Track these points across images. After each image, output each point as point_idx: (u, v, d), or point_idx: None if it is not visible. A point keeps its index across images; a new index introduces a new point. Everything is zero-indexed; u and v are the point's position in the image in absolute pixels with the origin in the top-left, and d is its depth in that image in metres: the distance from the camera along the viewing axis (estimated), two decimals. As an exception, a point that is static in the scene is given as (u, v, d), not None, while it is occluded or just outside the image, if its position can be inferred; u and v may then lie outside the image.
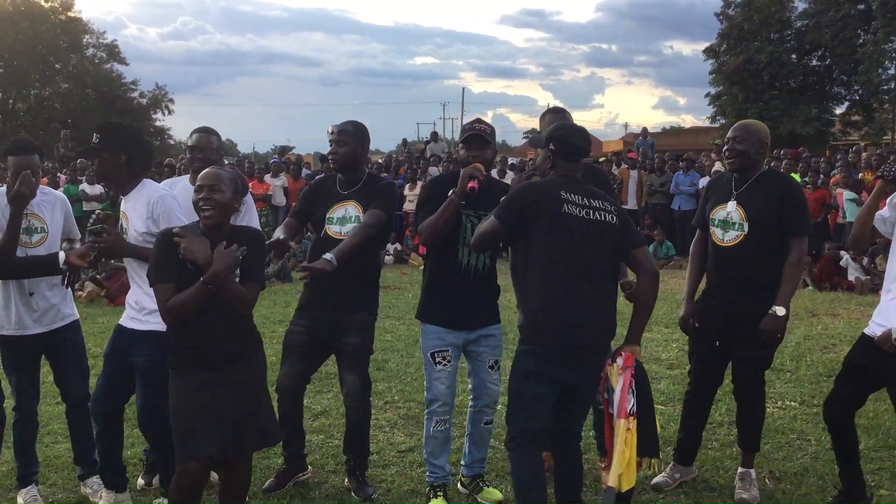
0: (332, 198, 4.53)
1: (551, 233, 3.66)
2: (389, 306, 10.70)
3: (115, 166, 4.04)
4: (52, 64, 43.20)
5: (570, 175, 3.82)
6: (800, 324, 9.28)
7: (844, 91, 36.92)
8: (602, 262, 3.74)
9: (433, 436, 4.34)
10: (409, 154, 21.48)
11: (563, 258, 3.65)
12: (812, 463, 4.88)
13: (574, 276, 3.65)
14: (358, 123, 4.58)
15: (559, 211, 3.66)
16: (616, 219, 3.77)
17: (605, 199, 3.80)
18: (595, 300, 3.70)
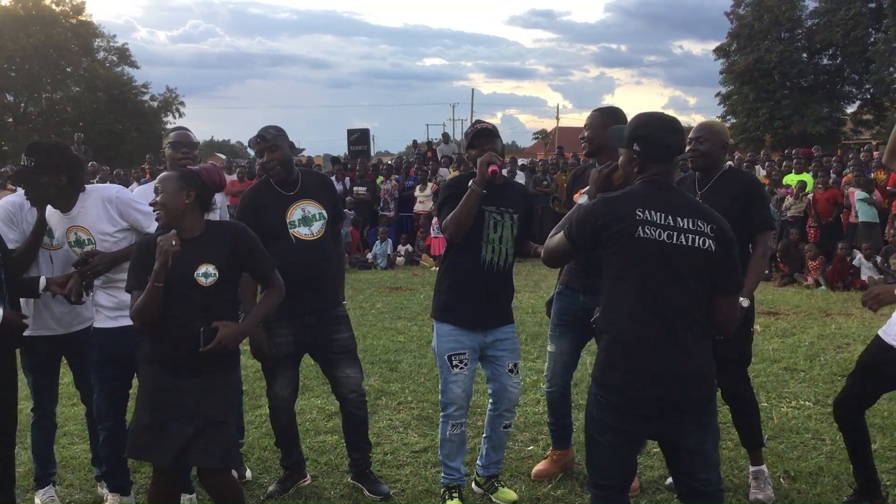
0: (280, 202, 4.42)
1: (623, 262, 3.04)
2: (401, 307, 10.73)
3: (58, 188, 3.98)
4: (63, 67, 43.37)
5: (657, 182, 3.12)
6: (813, 323, 9.27)
7: (856, 90, 36.83)
8: (688, 297, 3.04)
9: (449, 439, 4.33)
10: (419, 155, 21.52)
11: (636, 292, 3.02)
12: (827, 462, 4.87)
13: (650, 314, 3.01)
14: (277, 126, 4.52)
15: (633, 236, 3.00)
16: (713, 244, 3.05)
17: (701, 218, 3.08)
18: (677, 342, 3.00)
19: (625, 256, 3.03)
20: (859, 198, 12.99)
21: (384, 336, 8.77)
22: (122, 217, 4.06)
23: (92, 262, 3.98)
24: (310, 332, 4.44)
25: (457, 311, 4.27)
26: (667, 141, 3.13)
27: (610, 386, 3.07)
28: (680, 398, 3.04)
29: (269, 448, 5.21)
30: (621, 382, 3.04)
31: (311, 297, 4.38)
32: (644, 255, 3.00)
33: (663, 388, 3.01)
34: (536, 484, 4.64)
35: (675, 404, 3.05)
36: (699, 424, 3.10)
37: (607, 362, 3.08)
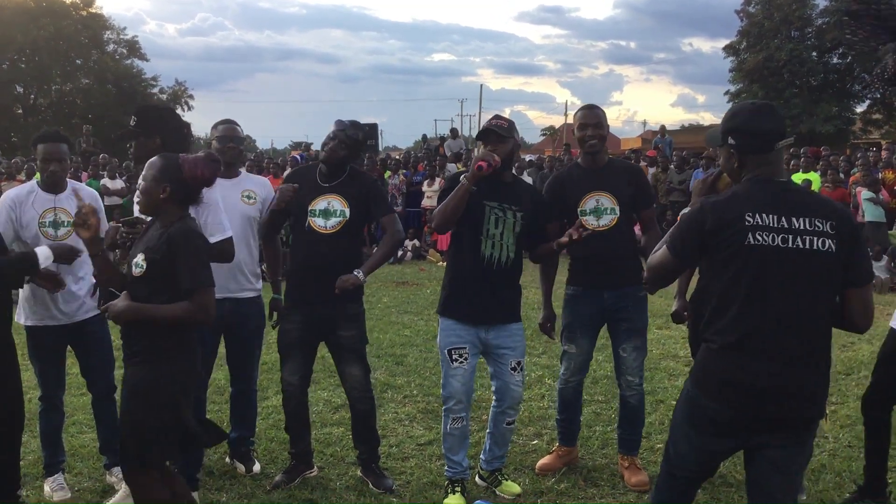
0: (312, 189, 4.52)
1: (733, 271, 2.79)
2: (408, 302, 10.78)
3: (150, 150, 4.02)
4: (73, 59, 43.50)
5: (764, 179, 2.87)
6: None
7: (865, 89, 36.67)
8: (807, 305, 2.78)
9: (450, 433, 4.36)
10: (427, 150, 21.53)
11: (747, 303, 2.78)
12: (829, 460, 4.89)
13: (763, 325, 2.77)
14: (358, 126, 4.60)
15: (743, 243, 2.76)
16: (834, 244, 2.78)
17: (818, 216, 2.80)
18: (791, 357, 2.77)
19: (735, 265, 2.79)
20: (866, 197, 12.98)
21: (390, 330, 8.81)
22: (196, 212, 3.89)
23: (139, 228, 3.79)
24: (319, 323, 4.49)
25: (457, 305, 4.30)
26: (762, 127, 2.89)
27: (711, 394, 2.86)
28: (785, 417, 2.82)
29: (276, 439, 5.26)
30: (725, 394, 2.83)
31: (316, 288, 4.43)
32: (757, 264, 2.76)
33: (768, 404, 2.79)
34: (540, 477, 4.68)
35: (779, 422, 2.83)
36: (796, 441, 2.88)
37: (712, 370, 2.87)
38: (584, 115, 4.61)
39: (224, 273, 4.58)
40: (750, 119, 2.91)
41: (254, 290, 4.75)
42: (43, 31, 39.34)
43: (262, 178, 5.14)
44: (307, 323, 4.50)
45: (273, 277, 4.99)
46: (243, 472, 4.75)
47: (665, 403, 6.02)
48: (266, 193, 4.76)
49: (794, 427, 2.84)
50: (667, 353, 7.64)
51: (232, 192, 4.63)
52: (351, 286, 4.28)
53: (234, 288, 4.63)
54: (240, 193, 4.66)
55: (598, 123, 4.57)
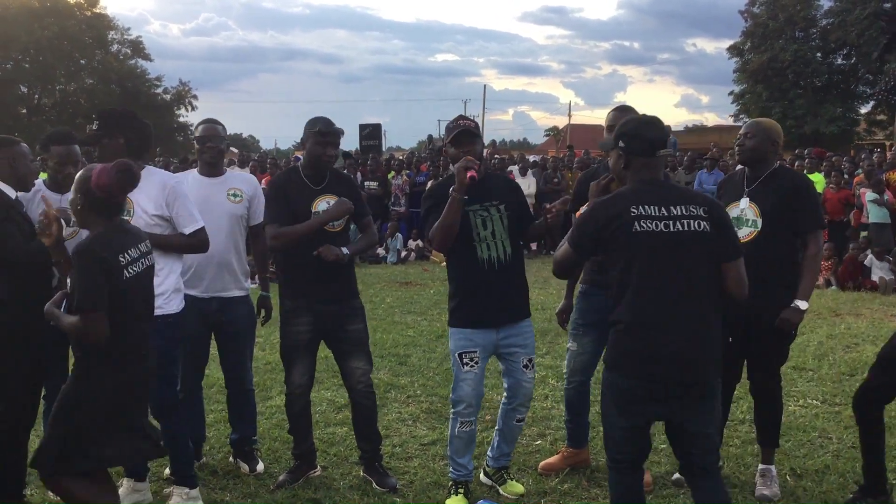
0: (307, 193, 4.52)
1: (626, 256, 3.23)
2: (411, 302, 10.78)
3: (114, 150, 4.06)
4: (77, 59, 43.58)
5: (645, 180, 3.34)
6: (822, 323, 9.26)
7: (869, 90, 36.64)
8: (693, 280, 3.23)
9: (458, 436, 4.35)
10: (431, 150, 21.53)
11: (641, 283, 3.21)
12: (833, 461, 4.89)
13: (658, 301, 3.21)
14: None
15: (630, 231, 3.20)
16: (707, 224, 3.25)
17: (692, 202, 3.28)
18: (686, 327, 3.21)
19: (627, 251, 3.22)
20: (870, 198, 12.95)
21: (394, 330, 8.81)
22: (168, 205, 4.08)
23: None
24: (326, 320, 4.52)
25: (467, 314, 4.28)
26: (647, 135, 3.35)
27: (623, 371, 3.26)
28: (690, 380, 3.23)
29: (279, 439, 5.27)
30: (634, 368, 3.23)
31: (329, 287, 4.48)
32: (645, 247, 3.20)
33: (674, 371, 3.19)
34: (543, 478, 4.67)
35: (686, 386, 3.22)
36: (704, 408, 3.30)
37: (620, 349, 3.27)
38: (612, 118, 4.57)
39: (211, 272, 4.62)
40: (639, 128, 3.40)
41: (242, 289, 4.77)
42: (47, 31, 39.40)
43: (249, 175, 5.17)
44: (315, 323, 4.52)
45: (261, 275, 5.02)
46: (247, 472, 4.76)
47: (668, 404, 6.01)
48: (253, 191, 4.78)
49: (699, 391, 3.26)
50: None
51: (217, 191, 4.66)
52: (334, 257, 4.35)
53: (222, 286, 4.66)
54: (225, 192, 4.68)
55: None
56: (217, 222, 4.57)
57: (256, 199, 4.81)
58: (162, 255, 4.06)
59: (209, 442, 5.16)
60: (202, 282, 4.62)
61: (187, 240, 4.14)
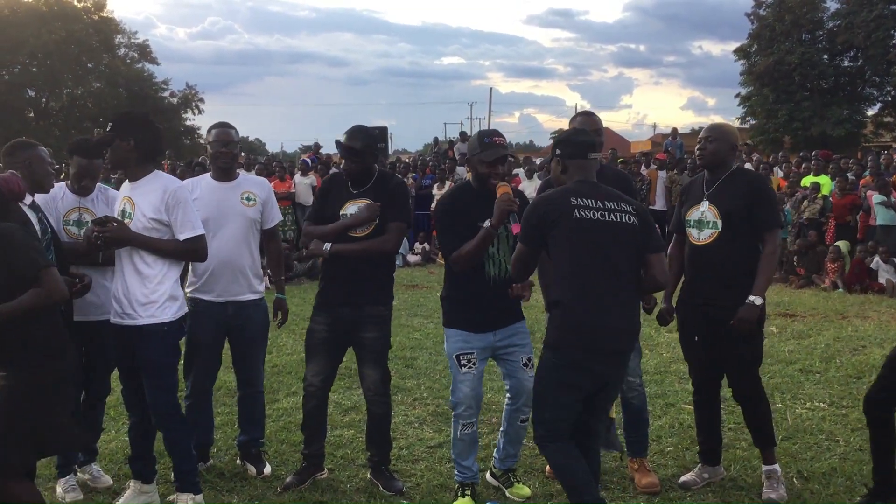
0: (343, 195, 4.57)
1: (567, 240, 3.66)
2: (418, 305, 10.79)
3: (124, 152, 4.12)
4: (84, 63, 43.63)
5: (583, 180, 3.80)
6: (829, 325, 9.25)
7: (877, 92, 36.49)
8: (623, 263, 3.70)
9: (460, 438, 4.36)
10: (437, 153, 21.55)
11: (581, 263, 3.65)
12: (840, 463, 4.88)
13: (595, 279, 3.64)
14: (370, 132, 4.68)
15: (571, 217, 3.64)
16: (636, 220, 3.73)
17: (622, 200, 3.76)
18: (618, 302, 3.67)
19: (568, 236, 3.65)
20: (877, 201, 12.92)
21: (400, 333, 8.81)
22: (167, 210, 4.07)
23: (109, 226, 4.01)
24: (343, 324, 4.53)
25: (463, 318, 4.32)
26: (578, 139, 3.90)
27: (566, 346, 3.65)
28: (624, 349, 3.77)
29: (286, 441, 5.28)
30: (577, 341, 3.63)
31: (344, 290, 4.49)
32: (583, 233, 3.64)
33: (612, 341, 3.68)
34: (550, 480, 4.67)
35: (620, 354, 3.76)
36: (622, 371, 3.89)
37: (562, 326, 3.66)
38: (581, 122, 4.64)
39: (226, 276, 4.63)
40: (570, 134, 4.00)
41: (256, 292, 4.78)
42: (54, 35, 39.47)
43: (262, 178, 5.20)
44: (332, 324, 4.55)
45: (276, 277, 5.04)
46: (254, 474, 4.77)
47: (675, 407, 6.02)
48: (266, 195, 4.79)
49: (627, 357, 3.85)
50: (677, 356, 7.60)
51: (231, 195, 4.68)
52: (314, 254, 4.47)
53: (235, 291, 4.67)
54: (239, 195, 4.70)
55: (597, 130, 4.57)
56: (231, 226, 4.60)
57: (269, 203, 4.82)
58: (154, 262, 4.08)
59: (216, 444, 5.17)
60: (217, 286, 4.64)
61: (181, 245, 4.11)
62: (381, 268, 4.60)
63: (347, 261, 4.46)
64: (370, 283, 4.54)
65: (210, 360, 4.75)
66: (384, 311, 4.63)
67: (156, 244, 4.07)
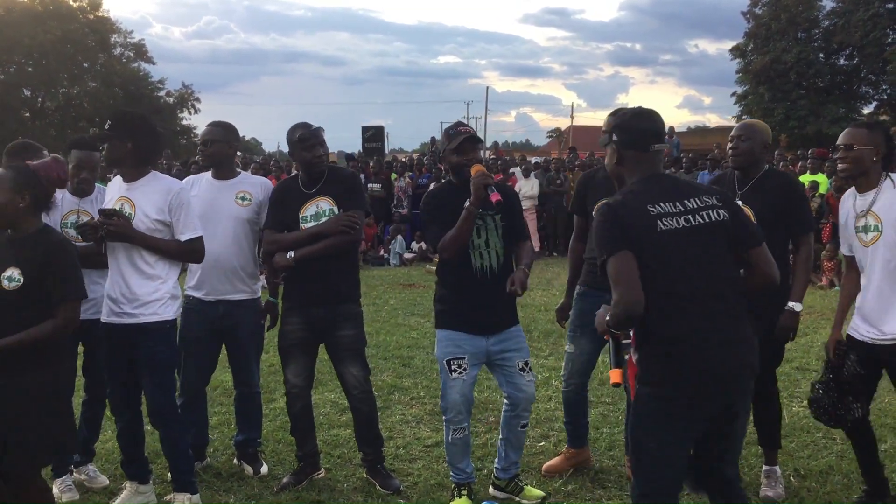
0: (299, 198, 4.54)
1: (654, 260, 2.95)
2: (414, 304, 10.79)
3: (121, 152, 4.11)
4: (80, 63, 43.65)
5: (647, 178, 3.10)
6: (826, 324, 9.24)
7: (872, 90, 36.61)
8: (723, 272, 3.03)
9: (452, 443, 4.31)
10: (433, 152, 21.52)
11: (674, 286, 2.95)
12: (837, 461, 4.88)
13: (695, 304, 2.96)
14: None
15: (655, 232, 2.96)
16: (724, 213, 3.06)
17: (703, 193, 3.10)
18: (727, 325, 2.99)
19: (655, 255, 2.95)
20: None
21: (397, 332, 8.82)
22: (170, 211, 4.08)
23: (115, 220, 3.99)
24: (318, 323, 4.51)
25: (455, 318, 4.25)
26: (640, 126, 3.15)
27: (671, 382, 2.98)
28: (743, 371, 3.04)
29: (283, 441, 5.27)
30: (685, 382, 2.95)
31: (316, 289, 4.46)
32: (671, 248, 2.95)
33: (728, 363, 2.97)
34: (548, 479, 4.67)
35: (738, 378, 3.03)
36: (746, 398, 3.14)
37: (663, 360, 2.97)
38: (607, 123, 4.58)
39: (217, 275, 4.62)
40: (632, 119, 3.19)
41: (249, 291, 4.76)
42: (50, 35, 39.47)
43: (263, 178, 5.14)
44: (306, 324, 4.52)
45: (270, 280, 5.02)
46: (251, 474, 4.76)
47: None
48: (264, 195, 4.76)
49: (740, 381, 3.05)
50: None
51: (225, 194, 4.67)
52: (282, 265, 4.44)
53: (227, 290, 4.66)
54: (234, 195, 4.68)
55: None
56: (222, 225, 4.59)
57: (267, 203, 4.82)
58: (157, 261, 4.09)
59: (213, 444, 5.16)
60: (206, 284, 4.63)
61: (182, 246, 4.13)
62: (348, 262, 4.60)
63: (314, 261, 4.43)
64: (340, 281, 4.53)
65: (201, 359, 4.73)
66: (357, 307, 4.64)
67: (157, 243, 4.08)
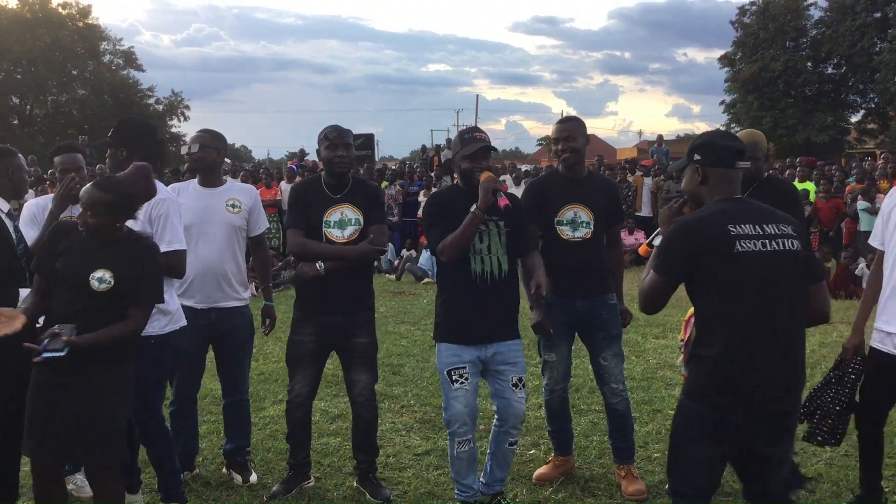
0: (324, 202, 4.53)
1: (727, 279, 2.97)
2: (405, 312, 10.78)
3: (116, 161, 4.13)
4: (69, 70, 43.53)
5: (729, 197, 3.13)
6: (815, 331, 9.27)
7: (860, 99, 36.78)
8: (792, 303, 3.01)
9: (458, 457, 4.23)
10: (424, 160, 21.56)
11: (743, 308, 2.96)
12: (826, 469, 4.90)
13: (760, 327, 2.96)
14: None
15: (731, 252, 2.96)
16: (798, 243, 3.06)
17: (781, 221, 3.09)
18: (786, 353, 3.00)
19: (728, 274, 2.96)
20: (861, 207, 12.99)
21: (387, 340, 8.80)
22: (150, 221, 4.05)
23: None
24: (333, 331, 4.51)
25: (454, 329, 4.21)
26: (724, 143, 3.17)
27: (713, 398, 3.00)
28: (790, 409, 3.07)
29: (272, 449, 5.26)
30: (730, 397, 2.97)
31: (333, 298, 4.46)
32: (747, 269, 2.96)
33: (773, 400, 2.99)
34: (538, 487, 4.67)
35: (786, 415, 3.06)
36: (788, 441, 3.13)
37: (712, 378, 3.00)
38: (556, 129, 4.68)
39: (208, 282, 4.60)
40: (714, 138, 3.23)
41: (240, 299, 4.75)
42: (39, 42, 39.36)
43: (249, 186, 5.15)
44: (320, 334, 4.52)
45: (264, 285, 5.02)
46: (240, 483, 4.75)
47: (662, 413, 6.02)
48: (252, 202, 4.76)
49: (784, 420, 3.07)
50: (663, 362, 7.65)
51: (216, 202, 4.66)
52: (311, 275, 4.41)
53: (219, 297, 4.65)
54: (224, 202, 4.68)
55: (569, 136, 4.58)
56: (215, 233, 4.59)
57: (256, 210, 4.81)
58: None
59: (202, 453, 5.14)
60: (199, 293, 4.61)
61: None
62: (365, 272, 4.66)
63: (339, 271, 4.44)
64: (360, 289, 4.57)
65: (193, 367, 4.73)
66: (372, 315, 4.66)
67: None
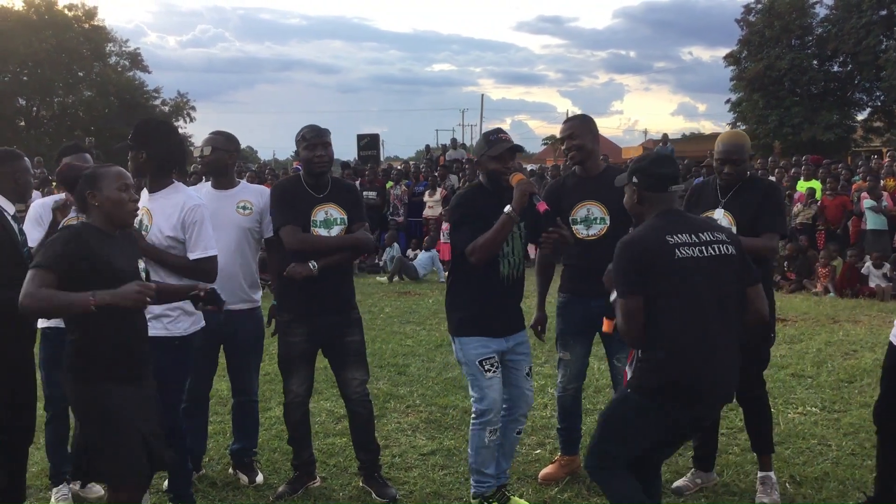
0: (309, 201, 4.53)
1: (670, 285, 3.29)
2: (410, 312, 10.79)
3: (137, 163, 4.12)
4: (75, 72, 43.68)
5: (665, 212, 3.46)
6: (821, 330, 9.27)
7: (866, 97, 36.68)
8: (730, 303, 3.37)
9: (487, 446, 4.22)
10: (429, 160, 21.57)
11: (687, 311, 3.28)
12: (833, 468, 4.89)
13: (703, 328, 3.29)
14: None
15: (673, 259, 3.29)
16: (733, 248, 3.40)
17: (715, 229, 3.46)
18: (727, 351, 3.36)
19: (671, 279, 3.28)
20: (868, 205, 12.96)
21: (392, 340, 8.82)
22: (183, 227, 4.03)
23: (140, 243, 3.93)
24: (324, 331, 4.52)
25: (483, 324, 4.21)
26: (659, 171, 3.49)
27: (663, 396, 3.31)
28: (723, 402, 3.53)
29: (278, 450, 5.27)
30: (677, 394, 3.31)
31: (327, 297, 4.49)
32: (687, 272, 3.28)
33: (714, 398, 3.41)
34: (544, 487, 4.67)
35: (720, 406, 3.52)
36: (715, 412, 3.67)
37: (663, 376, 3.31)
38: (561, 129, 4.72)
39: (220, 285, 4.59)
40: (651, 164, 3.52)
41: (250, 301, 4.77)
42: (45, 44, 39.51)
43: (262, 187, 5.13)
44: (311, 334, 4.52)
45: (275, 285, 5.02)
46: (246, 483, 4.76)
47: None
48: (265, 203, 4.76)
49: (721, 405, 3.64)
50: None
51: (227, 204, 4.66)
52: (304, 275, 4.36)
53: (230, 300, 4.62)
54: (235, 204, 4.68)
55: (572, 134, 4.60)
56: (224, 234, 4.57)
57: (268, 212, 4.80)
58: (170, 277, 4.03)
59: (208, 453, 5.15)
60: None
61: (191, 265, 4.06)
62: (349, 272, 4.76)
63: (332, 269, 4.45)
64: (350, 288, 4.66)
65: (203, 366, 4.73)
66: (358, 313, 4.72)
67: (167, 259, 4.04)
